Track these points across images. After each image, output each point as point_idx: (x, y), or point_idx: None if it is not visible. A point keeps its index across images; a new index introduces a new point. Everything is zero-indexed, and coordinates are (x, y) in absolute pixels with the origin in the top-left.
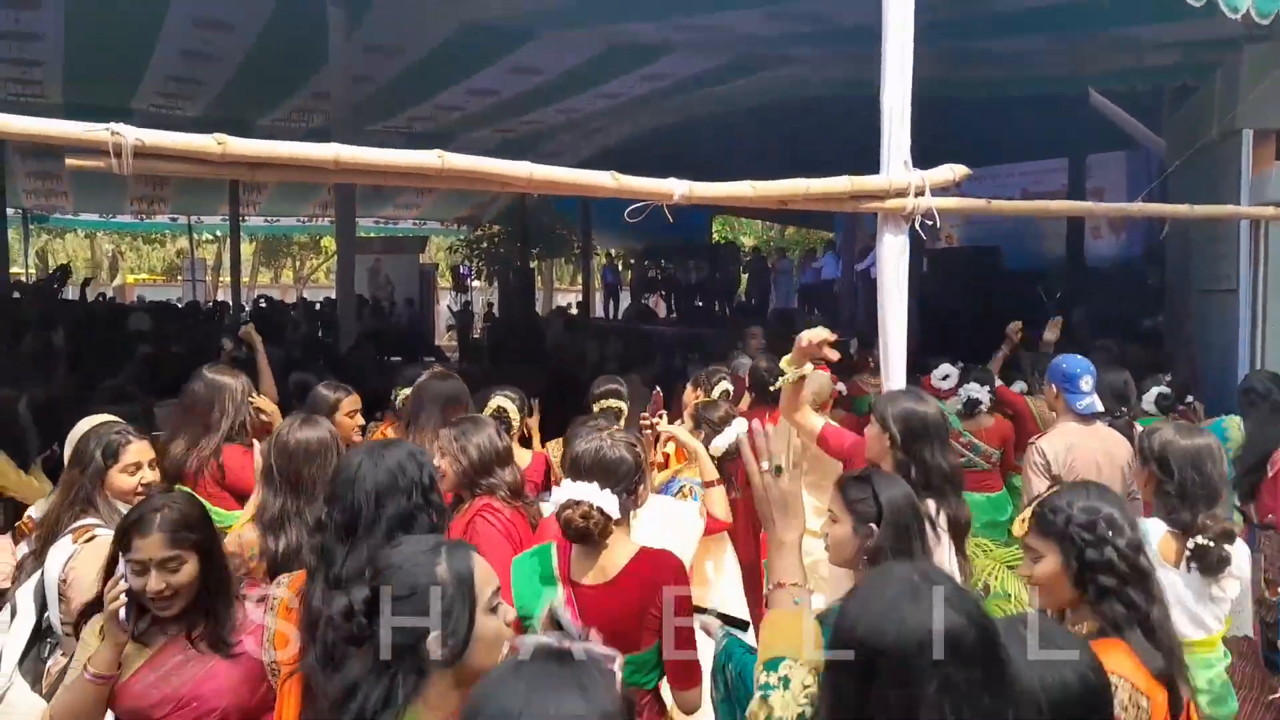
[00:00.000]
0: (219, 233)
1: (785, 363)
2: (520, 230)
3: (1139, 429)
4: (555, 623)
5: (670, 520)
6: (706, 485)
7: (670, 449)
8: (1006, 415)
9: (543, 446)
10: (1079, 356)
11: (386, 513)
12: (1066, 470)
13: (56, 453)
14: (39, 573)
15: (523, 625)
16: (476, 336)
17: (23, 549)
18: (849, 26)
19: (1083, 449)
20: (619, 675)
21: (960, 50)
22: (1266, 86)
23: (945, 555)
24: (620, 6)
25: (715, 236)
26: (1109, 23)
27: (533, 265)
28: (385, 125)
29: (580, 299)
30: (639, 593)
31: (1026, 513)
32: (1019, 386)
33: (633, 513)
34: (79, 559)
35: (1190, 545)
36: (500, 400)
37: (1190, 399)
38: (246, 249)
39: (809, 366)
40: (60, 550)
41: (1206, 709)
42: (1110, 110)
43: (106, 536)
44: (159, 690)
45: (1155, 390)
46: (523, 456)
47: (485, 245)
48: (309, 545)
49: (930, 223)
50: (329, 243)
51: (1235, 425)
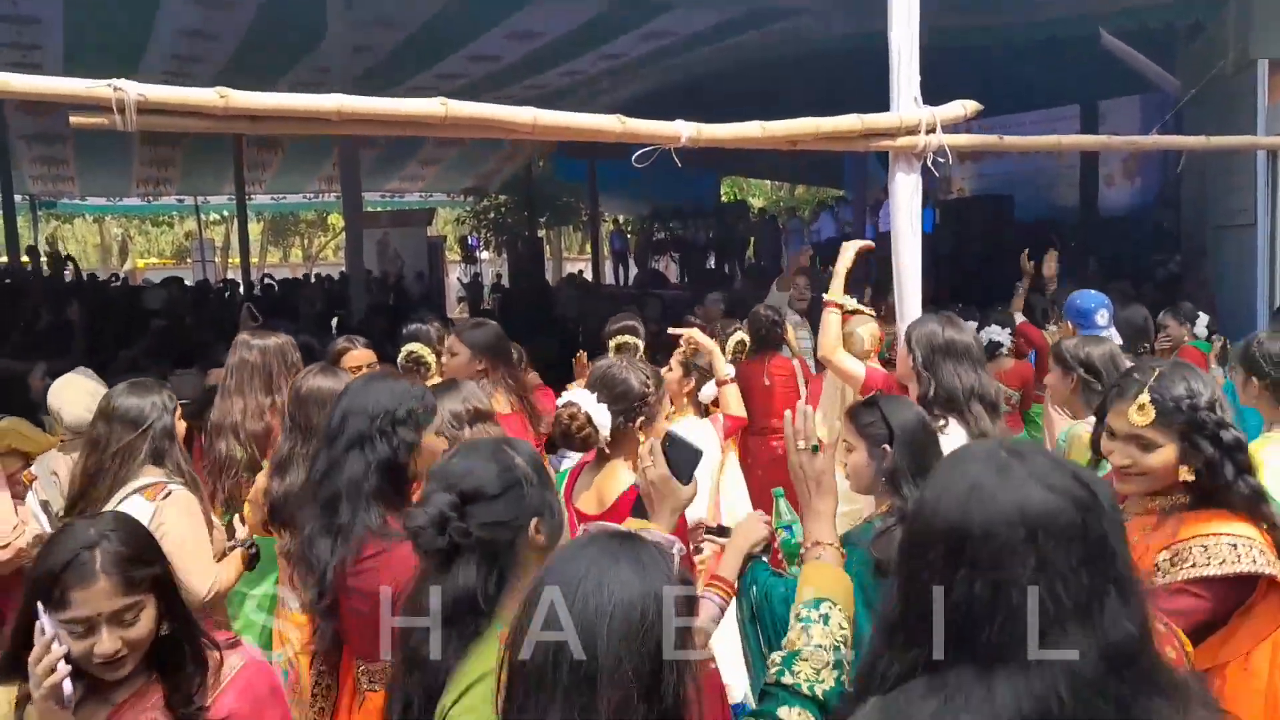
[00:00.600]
0: (226, 213)
1: (833, 294)
2: (527, 199)
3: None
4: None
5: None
6: (720, 385)
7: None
8: (1022, 356)
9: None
10: (1093, 291)
11: (348, 427)
12: None
13: None
14: None
15: None
16: (487, 307)
17: (31, 499)
18: None
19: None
20: (677, 559)
21: None
22: None
23: None
24: None
25: (724, 198)
26: None
27: (540, 234)
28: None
29: (589, 266)
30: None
31: (1143, 399)
32: None
33: (643, 441)
34: (167, 516)
35: None
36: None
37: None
38: (254, 229)
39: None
40: (134, 509)
41: None
42: (1122, 50)
43: (184, 491)
44: None
45: (1205, 318)
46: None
47: (492, 216)
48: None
49: (943, 160)
50: (336, 219)
51: None
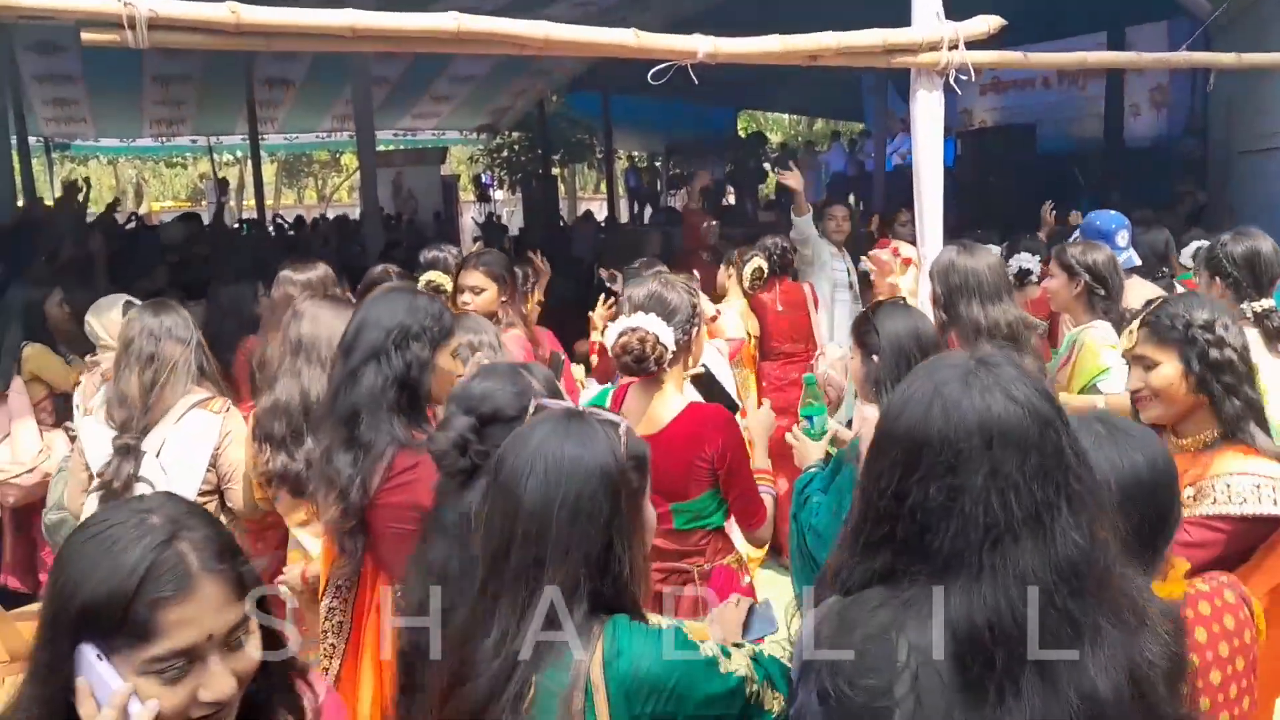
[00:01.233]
0: (239, 153)
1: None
2: (541, 137)
3: (1179, 287)
4: None
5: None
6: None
7: None
8: None
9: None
10: (1113, 212)
11: (362, 340)
12: None
13: None
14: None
15: None
16: (504, 248)
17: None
18: None
19: (1126, 303)
20: (622, 433)
21: None
22: None
23: None
24: None
25: (741, 132)
26: None
27: (555, 173)
28: None
29: (605, 204)
30: (684, 445)
31: (1133, 325)
32: None
33: (692, 357)
34: (233, 426)
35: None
36: None
37: None
38: (268, 171)
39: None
40: (201, 422)
41: None
42: None
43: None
44: None
45: (1194, 244)
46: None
47: (505, 154)
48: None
49: (965, 77)
50: (350, 160)
51: None
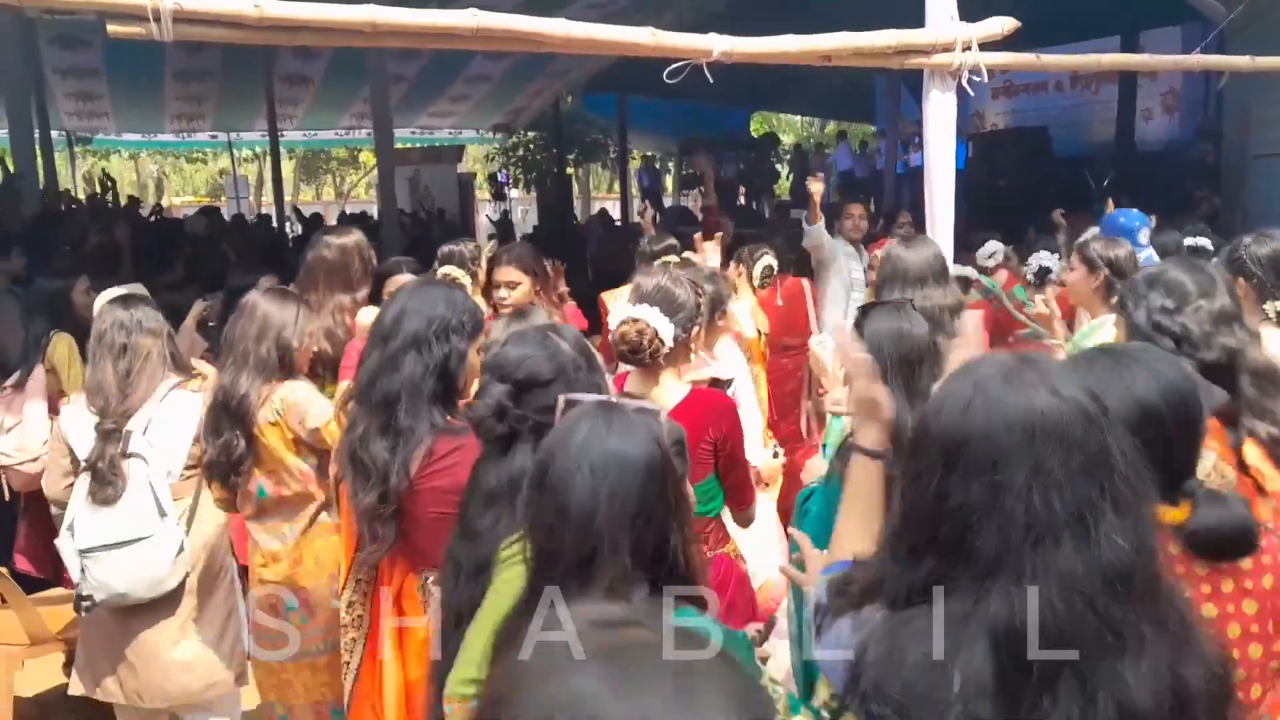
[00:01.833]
0: (258, 149)
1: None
2: (556, 136)
3: None
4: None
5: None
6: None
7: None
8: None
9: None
10: (1134, 210)
11: (403, 328)
12: None
13: None
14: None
15: None
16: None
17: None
18: None
19: None
20: (663, 421)
21: None
22: None
23: None
24: None
25: (754, 133)
26: None
27: (570, 172)
28: None
29: (618, 204)
30: (690, 429)
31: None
32: None
33: (692, 353)
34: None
35: None
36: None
37: None
38: (287, 167)
39: None
40: (183, 401)
41: None
42: None
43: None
44: None
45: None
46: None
47: (521, 153)
48: None
49: (978, 79)
50: (367, 157)
51: None
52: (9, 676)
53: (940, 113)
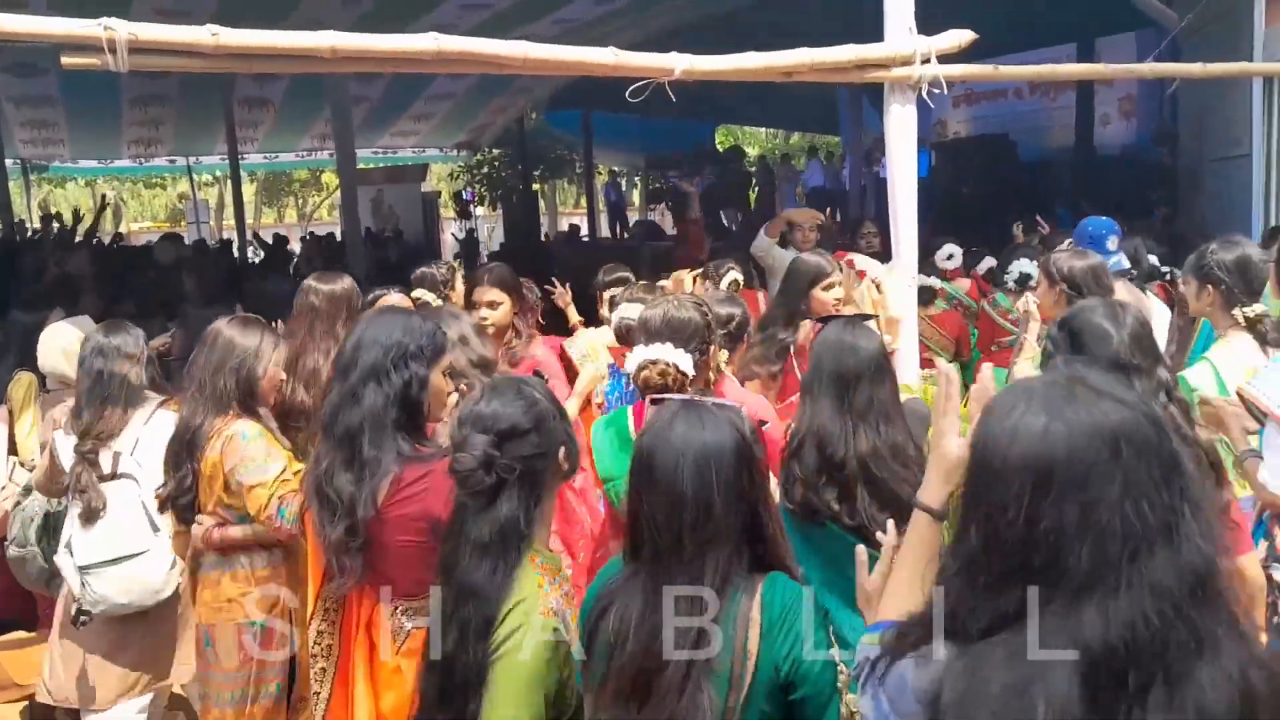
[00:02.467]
0: (219, 173)
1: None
2: (520, 153)
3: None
4: None
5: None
6: None
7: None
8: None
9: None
10: (1103, 218)
11: (361, 359)
12: None
13: None
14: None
15: (606, 486)
16: (485, 263)
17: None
18: None
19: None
20: (744, 418)
21: None
22: None
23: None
24: None
25: (719, 147)
26: None
27: (535, 188)
28: None
29: (585, 220)
30: None
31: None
32: None
33: (713, 372)
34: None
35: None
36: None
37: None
38: (248, 190)
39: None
40: (165, 421)
41: None
42: None
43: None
44: None
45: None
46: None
47: (486, 170)
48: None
49: (938, 90)
50: (330, 178)
51: None
52: None
53: (901, 125)
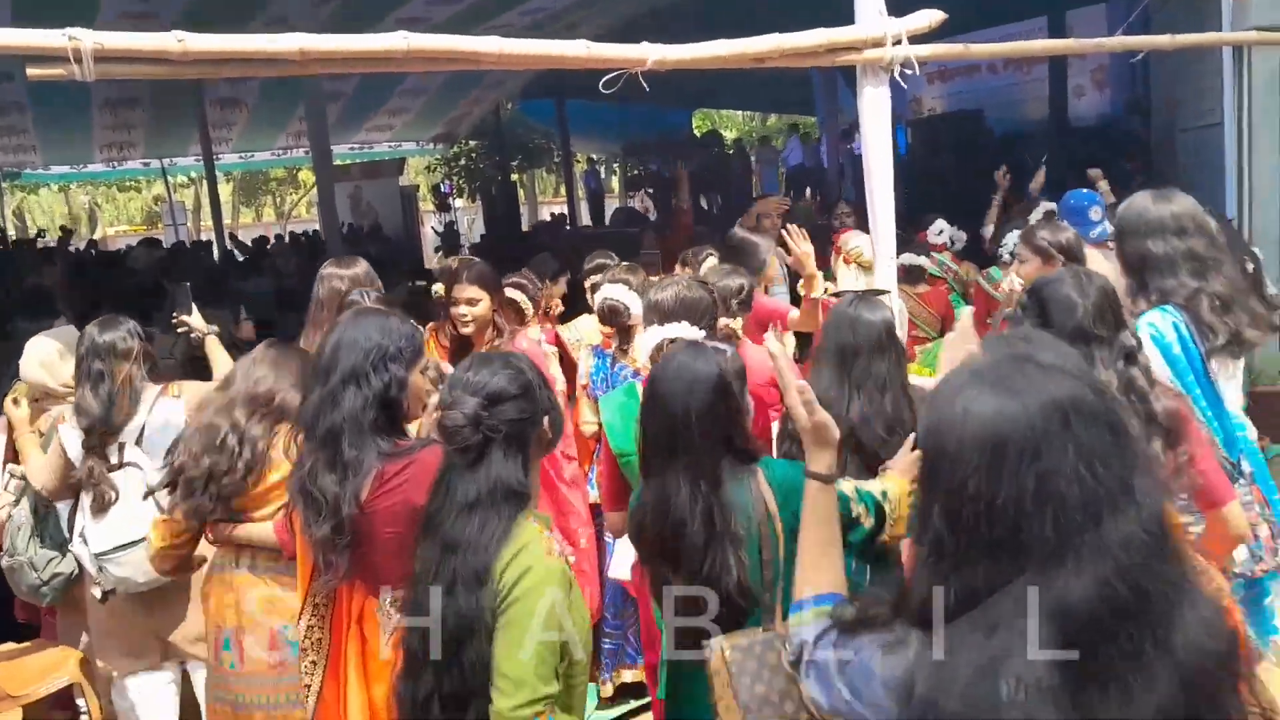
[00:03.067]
0: (194, 174)
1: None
2: (498, 143)
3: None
4: None
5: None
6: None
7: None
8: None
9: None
10: (1084, 190)
11: (340, 361)
12: None
13: None
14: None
15: (621, 461)
16: (467, 257)
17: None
18: None
19: (1105, 273)
20: (730, 356)
21: None
22: None
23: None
24: None
25: (696, 131)
26: None
27: (514, 178)
28: None
29: (565, 209)
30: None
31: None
32: None
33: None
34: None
35: None
36: None
37: None
38: (224, 190)
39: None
40: (168, 408)
41: None
42: None
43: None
44: None
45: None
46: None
47: (464, 162)
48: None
49: (910, 71)
50: (307, 176)
51: None
52: None
53: (875, 106)
